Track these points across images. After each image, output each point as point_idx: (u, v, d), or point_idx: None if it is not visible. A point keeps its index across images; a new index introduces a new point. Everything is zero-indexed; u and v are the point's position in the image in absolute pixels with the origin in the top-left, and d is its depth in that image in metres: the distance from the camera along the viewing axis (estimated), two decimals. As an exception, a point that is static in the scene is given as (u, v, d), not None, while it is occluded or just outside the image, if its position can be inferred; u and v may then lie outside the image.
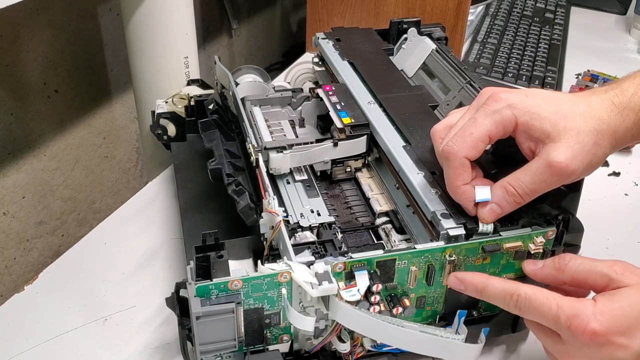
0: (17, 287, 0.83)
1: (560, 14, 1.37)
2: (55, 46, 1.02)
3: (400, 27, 0.83)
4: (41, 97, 1.02)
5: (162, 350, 0.59)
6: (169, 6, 0.84)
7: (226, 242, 0.52)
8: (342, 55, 0.78)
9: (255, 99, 0.71)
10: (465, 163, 0.50)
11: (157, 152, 0.90)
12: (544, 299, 0.46)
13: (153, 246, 0.71)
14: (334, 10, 1.12)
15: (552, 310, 0.46)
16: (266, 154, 0.61)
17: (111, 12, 1.10)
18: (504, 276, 0.55)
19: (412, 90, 0.72)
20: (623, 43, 1.30)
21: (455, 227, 0.51)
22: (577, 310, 0.45)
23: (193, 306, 0.46)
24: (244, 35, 1.58)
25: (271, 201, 0.54)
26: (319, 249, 0.53)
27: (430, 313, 0.55)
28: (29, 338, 0.59)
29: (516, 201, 0.50)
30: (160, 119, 0.79)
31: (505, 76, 1.10)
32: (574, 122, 0.48)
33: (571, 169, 0.48)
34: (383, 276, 0.51)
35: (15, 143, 0.99)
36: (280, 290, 0.48)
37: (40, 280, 0.66)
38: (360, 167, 0.67)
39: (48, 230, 1.10)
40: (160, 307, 0.62)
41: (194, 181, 0.73)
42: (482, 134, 0.50)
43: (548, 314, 0.46)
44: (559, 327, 0.46)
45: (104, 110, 1.15)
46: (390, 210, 0.61)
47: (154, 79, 0.89)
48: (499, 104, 0.50)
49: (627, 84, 0.51)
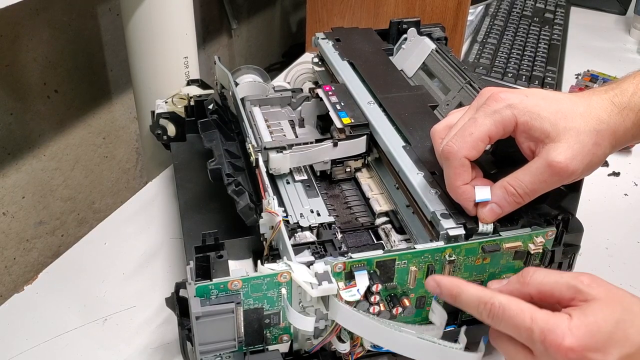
0: (16, 287, 0.83)
1: (560, 14, 1.37)
2: (55, 46, 1.02)
3: (400, 27, 0.83)
4: (41, 97, 1.02)
5: (162, 351, 0.59)
6: (169, 6, 0.84)
7: (226, 242, 0.52)
8: (342, 56, 0.78)
9: (255, 99, 0.71)
10: (465, 163, 0.50)
11: (157, 152, 0.90)
12: (519, 310, 0.44)
13: (153, 246, 0.71)
14: (333, 10, 1.12)
15: (525, 322, 0.43)
16: (266, 154, 0.61)
17: (111, 12, 1.10)
18: (504, 276, 0.55)
19: (412, 90, 0.72)
20: (623, 43, 1.30)
21: (455, 227, 0.51)
22: (552, 324, 0.42)
23: (193, 306, 0.46)
24: (243, 36, 1.58)
25: (271, 201, 0.54)
26: (318, 249, 0.53)
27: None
28: (29, 338, 0.59)
29: (516, 201, 0.50)
30: (160, 119, 0.79)
31: (504, 76, 1.10)
32: (574, 122, 0.48)
33: (571, 169, 0.48)
34: (383, 276, 0.51)
35: (15, 143, 0.99)
36: (280, 291, 0.48)
37: (40, 281, 0.66)
38: (360, 167, 0.67)
39: (48, 231, 1.10)
40: (160, 307, 0.62)
41: (194, 181, 0.73)
42: (482, 134, 0.50)
43: (521, 326, 0.43)
44: (532, 341, 0.43)
45: (104, 111, 1.15)
46: (390, 210, 0.62)
47: (154, 79, 0.89)
48: (499, 104, 0.50)
49: (627, 84, 0.51)
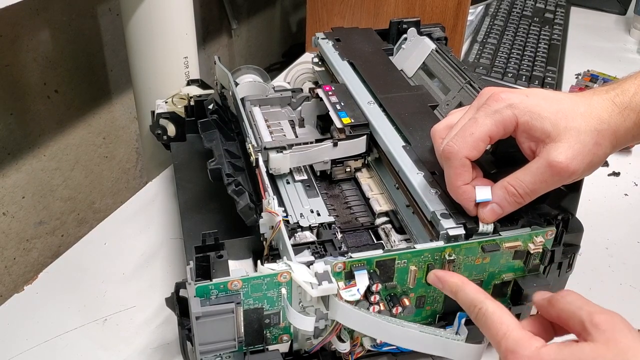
0: (16, 287, 0.83)
1: (560, 14, 1.37)
2: (55, 46, 1.02)
3: (400, 27, 0.83)
4: (41, 97, 1.02)
5: (162, 350, 0.59)
6: (169, 6, 0.84)
7: (226, 242, 0.52)
8: (342, 56, 0.78)
9: (255, 99, 0.71)
10: (465, 163, 0.50)
11: (157, 152, 0.90)
12: (499, 322, 0.44)
13: (153, 246, 0.71)
14: (333, 10, 1.12)
15: (498, 335, 0.43)
16: (266, 154, 0.61)
17: (111, 12, 1.10)
18: (503, 276, 0.55)
19: (412, 90, 0.72)
20: (623, 43, 1.30)
21: (455, 227, 0.51)
22: (519, 346, 0.42)
23: (193, 306, 0.46)
24: (243, 36, 1.58)
25: (271, 201, 0.54)
26: (318, 249, 0.53)
27: (429, 313, 0.55)
28: (29, 338, 0.59)
29: (517, 201, 0.50)
30: (160, 119, 0.79)
31: (505, 76, 1.10)
32: (574, 122, 0.48)
33: (572, 169, 0.48)
34: (383, 276, 0.50)
35: (15, 143, 0.99)
36: (280, 290, 0.48)
37: (40, 281, 0.66)
38: (360, 167, 0.67)
39: (48, 231, 1.10)
40: (160, 307, 0.62)
41: (194, 181, 0.73)
42: (483, 134, 0.50)
43: (494, 337, 0.44)
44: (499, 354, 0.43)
45: (104, 111, 1.15)
46: (390, 210, 0.62)
47: (154, 79, 0.89)
48: (499, 103, 0.50)
49: (628, 84, 0.51)
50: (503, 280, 0.55)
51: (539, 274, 0.56)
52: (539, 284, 0.55)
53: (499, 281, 0.55)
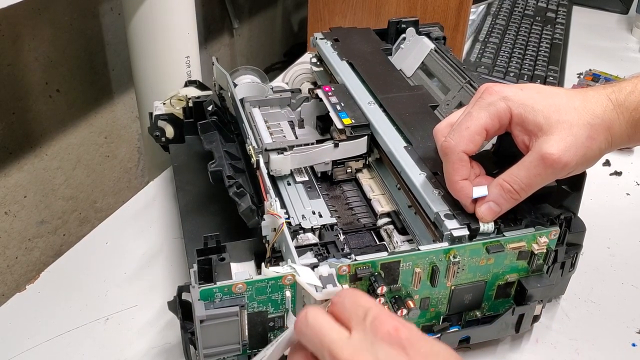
0: (18, 286, 0.83)
1: (562, 13, 1.37)
2: (56, 46, 1.01)
3: (399, 26, 0.83)
4: (43, 96, 1.02)
5: (163, 350, 0.59)
6: (171, 6, 0.84)
7: (227, 245, 0.52)
8: (341, 56, 0.78)
9: (255, 100, 0.71)
10: (463, 157, 0.50)
11: (159, 151, 0.90)
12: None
13: (154, 246, 0.71)
14: (335, 9, 1.12)
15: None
16: (267, 156, 0.61)
17: (112, 12, 1.10)
18: (507, 277, 0.55)
19: (412, 90, 0.71)
20: (625, 42, 1.29)
21: (459, 227, 0.51)
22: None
23: (197, 310, 0.45)
24: (245, 35, 1.58)
25: (273, 203, 0.54)
26: (321, 251, 0.53)
27: (434, 314, 0.55)
28: (31, 337, 0.59)
29: (513, 197, 0.50)
30: (158, 121, 0.78)
31: (506, 75, 1.10)
32: (567, 115, 0.49)
33: (564, 161, 0.48)
34: (387, 278, 0.50)
35: (16, 142, 0.99)
36: (284, 293, 0.48)
37: (41, 280, 0.66)
38: (361, 167, 0.67)
39: (49, 230, 1.10)
40: (161, 306, 0.62)
41: (194, 183, 0.72)
42: (478, 127, 0.50)
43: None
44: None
45: (106, 110, 1.15)
46: (391, 211, 0.61)
47: (156, 78, 0.89)
48: (493, 96, 0.50)
49: (626, 83, 0.51)
50: (507, 281, 0.55)
51: (543, 274, 0.56)
52: (543, 284, 0.55)
53: (503, 282, 0.55)
